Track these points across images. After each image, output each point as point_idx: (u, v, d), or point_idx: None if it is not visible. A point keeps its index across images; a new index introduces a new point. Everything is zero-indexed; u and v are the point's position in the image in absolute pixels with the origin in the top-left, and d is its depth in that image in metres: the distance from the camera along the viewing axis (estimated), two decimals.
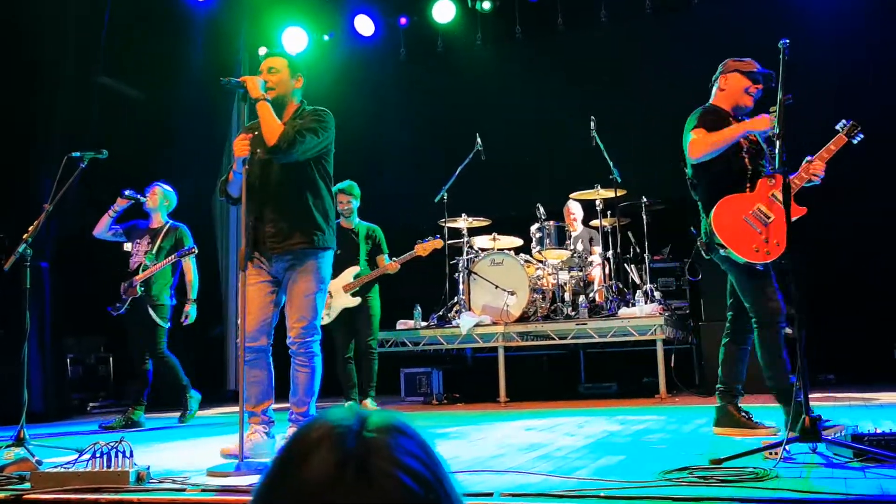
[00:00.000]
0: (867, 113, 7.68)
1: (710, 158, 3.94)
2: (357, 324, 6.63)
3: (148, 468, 3.05)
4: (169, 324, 6.22)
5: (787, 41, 3.43)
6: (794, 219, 3.52)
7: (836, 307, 7.72)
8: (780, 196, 3.74)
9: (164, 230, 6.32)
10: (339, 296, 6.50)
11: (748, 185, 3.93)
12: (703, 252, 4.11)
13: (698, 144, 3.94)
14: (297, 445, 0.76)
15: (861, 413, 4.80)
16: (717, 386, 4.14)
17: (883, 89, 7.72)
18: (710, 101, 4.28)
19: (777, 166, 3.35)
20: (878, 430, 2.99)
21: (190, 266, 6.34)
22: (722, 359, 4.16)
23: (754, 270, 3.87)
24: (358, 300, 6.52)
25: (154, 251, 6.19)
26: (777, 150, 3.35)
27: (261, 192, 3.79)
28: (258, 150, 3.76)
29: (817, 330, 7.09)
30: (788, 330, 6.89)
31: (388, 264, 6.53)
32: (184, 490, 2.87)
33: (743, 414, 4.04)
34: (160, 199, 6.42)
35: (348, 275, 6.53)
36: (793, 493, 2.30)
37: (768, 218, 3.83)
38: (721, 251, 3.90)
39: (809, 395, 3.01)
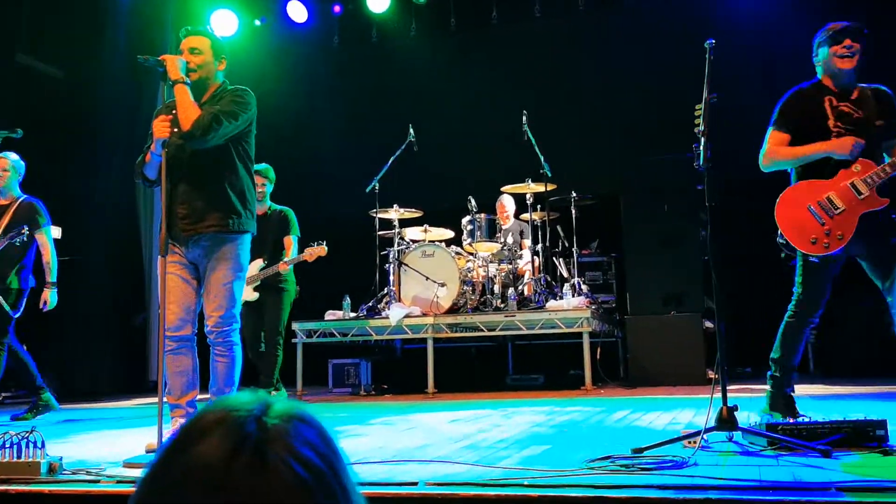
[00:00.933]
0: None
1: None
2: (265, 315, 6.49)
3: (60, 459, 2.94)
4: (17, 311, 5.57)
5: (713, 41, 3.50)
6: (874, 209, 3.57)
7: (754, 300, 7.97)
8: (860, 186, 3.63)
9: (15, 205, 5.60)
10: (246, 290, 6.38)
11: (829, 172, 3.72)
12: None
13: (769, 156, 3.87)
14: (194, 426, 0.74)
15: None
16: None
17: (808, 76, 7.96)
18: (818, 77, 3.99)
19: (701, 164, 3.42)
20: (791, 420, 3.09)
21: (47, 245, 5.66)
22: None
23: (809, 262, 3.78)
24: (257, 295, 6.38)
25: (1, 230, 5.47)
26: (701, 148, 3.43)
27: (176, 173, 3.67)
28: (175, 130, 3.64)
29: (736, 323, 7.32)
30: (708, 324, 7.14)
31: (280, 264, 6.39)
32: (98, 482, 2.78)
33: None
34: (10, 171, 5.63)
35: (253, 267, 6.38)
36: (709, 479, 2.36)
37: (836, 209, 3.65)
38: (779, 238, 3.79)
39: (727, 387, 3.11)
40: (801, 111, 3.89)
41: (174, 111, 3.58)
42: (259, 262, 6.40)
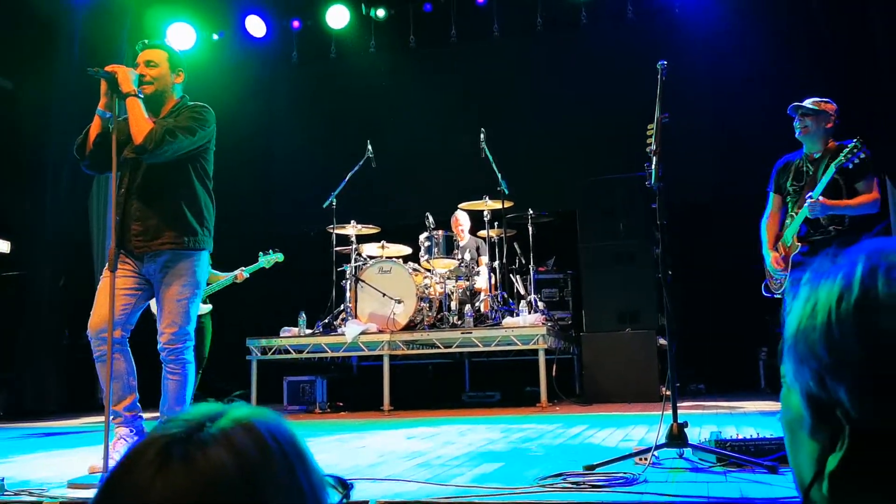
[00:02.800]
0: (741, 125, 8.17)
1: None
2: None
3: (2, 480, 2.86)
4: None
5: (665, 62, 3.57)
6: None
7: (706, 319, 8.10)
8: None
9: None
10: None
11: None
12: None
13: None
14: (126, 457, 0.70)
15: (725, 420, 5.04)
16: None
17: (756, 99, 8.13)
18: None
19: (653, 182, 3.48)
20: (740, 436, 3.14)
21: None
22: None
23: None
24: (210, 307, 6.34)
25: None
26: (653, 167, 3.48)
27: (130, 189, 3.61)
28: (126, 148, 3.58)
29: (689, 340, 7.43)
30: (662, 341, 7.23)
31: (238, 273, 6.46)
32: (41, 503, 2.70)
33: None
34: None
35: None
36: (659, 496, 2.38)
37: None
38: None
39: (678, 404, 3.15)
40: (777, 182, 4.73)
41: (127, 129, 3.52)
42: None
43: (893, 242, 0.77)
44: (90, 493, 2.83)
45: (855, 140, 4.27)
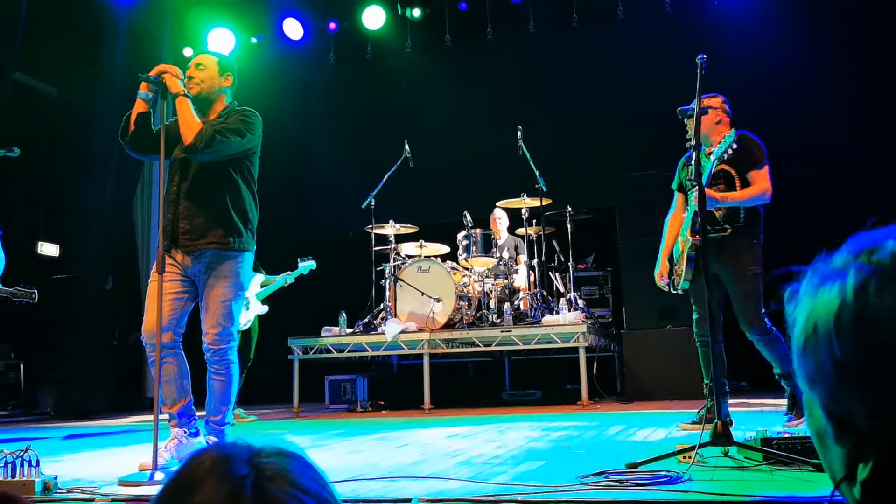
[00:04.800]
0: (780, 123, 8.03)
1: None
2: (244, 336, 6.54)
3: (55, 478, 2.93)
4: None
5: (704, 56, 3.54)
6: None
7: None
8: None
9: None
10: (255, 303, 6.43)
11: None
12: None
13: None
14: (185, 477, 0.73)
15: (771, 418, 4.97)
16: None
17: (798, 98, 8.01)
18: None
19: (693, 177, 3.45)
20: (787, 434, 3.09)
21: None
22: None
23: None
24: (267, 308, 6.45)
25: None
26: (693, 161, 3.45)
27: (179, 189, 3.69)
28: (176, 148, 3.66)
29: (732, 336, 7.32)
30: None
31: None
32: (93, 500, 2.77)
33: None
34: None
35: (256, 282, 6.46)
36: (704, 495, 2.36)
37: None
38: None
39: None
40: None
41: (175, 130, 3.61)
42: (260, 277, 6.45)
43: (879, 237, 0.76)
44: (140, 491, 2.90)
45: (732, 130, 4.20)
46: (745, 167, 4.26)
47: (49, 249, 9.11)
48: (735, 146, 3.87)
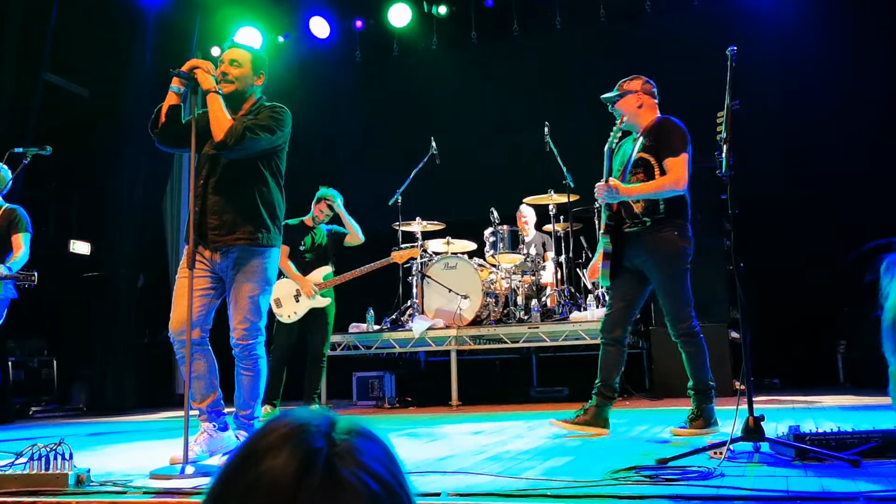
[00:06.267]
0: (808, 117, 7.92)
1: None
2: (312, 327, 6.53)
3: (88, 471, 2.97)
4: None
5: (735, 48, 3.49)
6: None
7: (781, 312, 7.88)
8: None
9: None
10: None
11: None
12: None
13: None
14: (261, 441, 0.72)
15: (804, 414, 4.91)
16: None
17: (828, 94, 7.89)
18: None
19: (724, 171, 3.41)
20: (820, 430, 3.05)
21: (21, 248, 5.29)
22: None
23: None
24: (328, 300, 6.48)
25: None
26: (724, 155, 3.41)
27: (208, 185, 3.71)
28: (206, 144, 3.69)
29: (762, 333, 7.24)
30: (734, 334, 7.07)
31: (353, 272, 6.61)
32: (125, 493, 2.80)
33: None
34: None
35: (319, 275, 6.48)
36: (736, 490, 2.33)
37: None
38: None
39: (754, 398, 3.07)
40: None
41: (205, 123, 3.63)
42: (325, 270, 6.48)
43: None
44: (171, 484, 2.92)
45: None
46: (663, 155, 4.14)
47: (81, 248, 9.23)
48: (653, 134, 3.86)
